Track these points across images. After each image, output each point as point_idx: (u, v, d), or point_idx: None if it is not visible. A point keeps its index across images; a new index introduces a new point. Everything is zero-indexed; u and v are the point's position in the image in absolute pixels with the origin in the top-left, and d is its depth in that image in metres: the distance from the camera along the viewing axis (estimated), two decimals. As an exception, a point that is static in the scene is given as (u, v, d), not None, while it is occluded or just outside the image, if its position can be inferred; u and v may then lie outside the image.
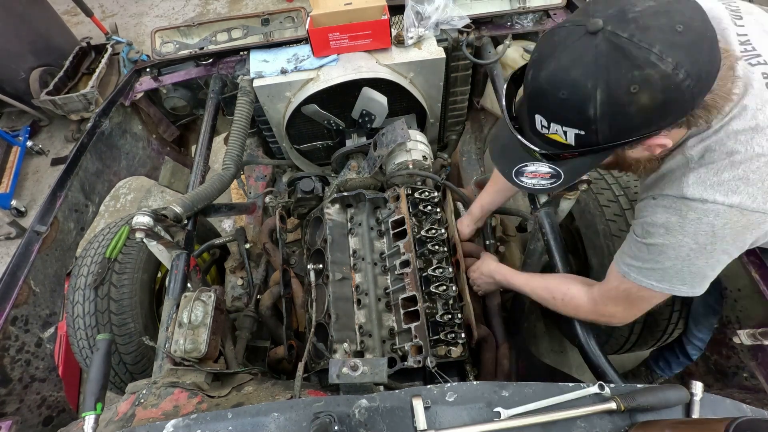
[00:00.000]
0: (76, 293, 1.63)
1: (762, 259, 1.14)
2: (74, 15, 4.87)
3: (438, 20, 1.90)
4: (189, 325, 1.18)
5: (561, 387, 0.83)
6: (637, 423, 0.79)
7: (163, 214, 1.42)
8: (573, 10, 2.02)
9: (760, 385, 1.18)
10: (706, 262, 0.84)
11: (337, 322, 1.44)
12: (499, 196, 1.52)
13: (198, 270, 1.64)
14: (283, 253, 1.75)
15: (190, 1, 5.24)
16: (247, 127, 1.84)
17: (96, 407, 0.98)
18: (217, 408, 1.05)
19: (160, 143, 2.35)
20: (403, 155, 1.71)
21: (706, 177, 0.78)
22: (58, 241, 1.60)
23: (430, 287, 1.40)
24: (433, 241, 1.50)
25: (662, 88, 0.67)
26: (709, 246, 0.81)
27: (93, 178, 1.85)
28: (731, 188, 0.76)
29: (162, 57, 2.04)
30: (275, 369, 1.66)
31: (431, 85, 1.97)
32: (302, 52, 1.94)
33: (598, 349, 1.22)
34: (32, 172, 3.76)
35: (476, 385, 0.85)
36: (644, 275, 0.92)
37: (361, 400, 0.81)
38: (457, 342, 1.33)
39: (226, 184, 1.69)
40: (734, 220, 0.78)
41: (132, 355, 1.65)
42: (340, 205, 1.72)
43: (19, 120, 3.99)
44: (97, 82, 3.65)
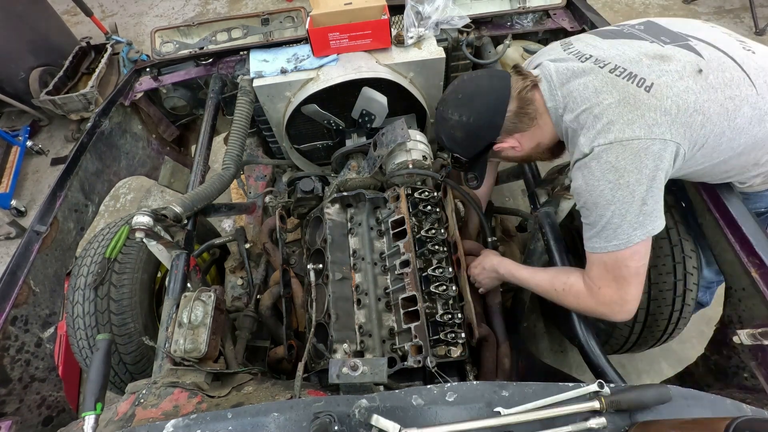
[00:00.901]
0: (76, 293, 1.63)
1: (762, 259, 1.14)
2: (74, 15, 4.87)
3: (438, 20, 1.90)
4: (189, 325, 1.18)
5: (560, 387, 0.83)
6: (637, 423, 0.79)
7: (163, 214, 1.42)
8: (573, 10, 2.03)
9: (760, 385, 1.18)
10: (631, 196, 1.00)
11: (337, 322, 1.44)
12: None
13: (198, 270, 1.64)
14: (283, 253, 1.75)
15: (189, 1, 5.24)
16: (247, 127, 1.84)
17: (96, 407, 0.98)
18: (217, 408, 1.05)
19: (160, 143, 2.35)
20: (403, 155, 1.71)
21: (588, 133, 1.05)
22: (58, 241, 1.60)
23: (430, 287, 1.40)
24: (433, 240, 1.50)
25: (460, 127, 1.26)
26: (621, 180, 1.00)
27: (93, 178, 1.85)
28: (606, 131, 1.02)
29: (162, 57, 2.04)
30: (275, 369, 1.66)
31: (431, 85, 1.97)
32: (302, 52, 1.94)
33: (598, 349, 1.22)
34: (32, 172, 3.76)
35: (476, 385, 0.85)
36: (604, 239, 1.06)
37: (361, 400, 0.81)
38: (457, 342, 1.33)
39: (226, 184, 1.69)
40: (620, 151, 0.99)
41: (132, 355, 1.65)
42: (340, 205, 1.72)
43: (19, 120, 3.99)
44: (96, 81, 3.65)
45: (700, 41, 1.09)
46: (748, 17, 3.78)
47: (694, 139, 1.02)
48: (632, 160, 0.99)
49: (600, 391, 0.80)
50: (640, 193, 1.00)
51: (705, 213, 1.33)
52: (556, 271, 1.26)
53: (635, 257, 1.04)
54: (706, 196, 1.32)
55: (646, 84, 1.01)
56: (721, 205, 1.26)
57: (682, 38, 1.11)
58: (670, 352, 2.19)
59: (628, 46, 1.11)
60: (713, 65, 1.03)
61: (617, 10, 4.17)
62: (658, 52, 1.07)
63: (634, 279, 1.06)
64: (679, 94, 1.00)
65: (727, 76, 1.03)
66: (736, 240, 1.22)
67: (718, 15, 3.95)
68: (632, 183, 0.99)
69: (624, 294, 1.08)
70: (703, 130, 1.01)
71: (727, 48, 1.07)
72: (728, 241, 1.24)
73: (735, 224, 1.22)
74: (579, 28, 1.97)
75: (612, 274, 1.07)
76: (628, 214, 1.01)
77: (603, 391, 0.80)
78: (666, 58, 1.05)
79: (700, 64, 1.03)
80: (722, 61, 1.05)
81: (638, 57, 1.07)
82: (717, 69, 1.03)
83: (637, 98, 1.01)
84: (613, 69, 1.07)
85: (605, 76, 1.07)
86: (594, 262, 1.11)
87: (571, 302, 1.19)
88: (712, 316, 1.44)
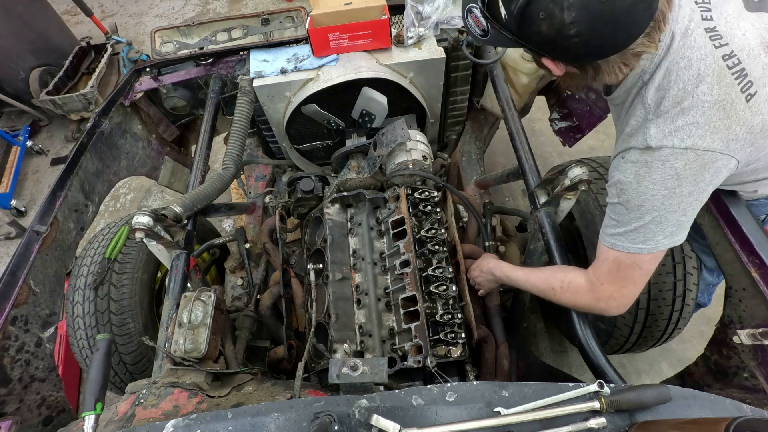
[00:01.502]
0: (76, 293, 1.63)
1: (762, 259, 1.14)
2: (74, 15, 4.87)
3: (438, 20, 1.90)
4: (189, 325, 1.18)
5: (560, 387, 0.83)
6: (637, 423, 0.79)
7: (163, 214, 1.42)
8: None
9: (760, 385, 1.18)
10: (678, 207, 0.92)
11: (337, 322, 1.44)
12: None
13: (198, 270, 1.64)
14: (283, 253, 1.75)
15: (189, 1, 5.24)
16: (247, 127, 1.84)
17: (96, 407, 0.98)
18: (217, 408, 1.05)
19: (160, 143, 2.35)
20: (403, 155, 1.71)
21: (664, 126, 0.90)
22: (58, 241, 1.60)
23: (430, 287, 1.40)
24: (433, 241, 1.50)
25: (556, 29, 0.82)
26: (677, 189, 0.91)
27: (93, 178, 1.85)
28: (686, 133, 0.88)
29: (162, 57, 2.04)
30: (275, 369, 1.67)
31: (431, 85, 1.97)
32: (302, 52, 1.94)
33: (598, 349, 1.22)
34: (32, 172, 3.76)
35: (476, 385, 0.85)
36: (630, 240, 0.98)
37: (361, 400, 0.81)
38: (457, 342, 1.33)
39: (226, 184, 1.69)
40: (692, 160, 0.89)
41: (132, 355, 1.65)
42: (340, 205, 1.72)
43: (19, 120, 3.98)
44: (96, 81, 3.65)
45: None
46: (748, 17, 3.77)
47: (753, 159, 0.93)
48: (696, 171, 0.89)
49: (600, 391, 0.80)
50: (686, 204, 0.92)
51: (704, 213, 1.33)
52: (553, 270, 1.24)
53: (653, 261, 1.00)
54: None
55: (750, 91, 0.87)
56: (721, 205, 1.26)
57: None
58: (670, 352, 2.20)
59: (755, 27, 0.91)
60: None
61: (617, 10, 4.16)
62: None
63: (641, 280, 1.03)
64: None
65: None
66: (736, 240, 1.22)
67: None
68: (685, 194, 0.91)
69: (626, 291, 1.05)
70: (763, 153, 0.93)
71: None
72: (728, 241, 1.24)
73: (735, 224, 1.22)
74: (579, 28, 1.96)
75: (622, 273, 1.03)
76: (668, 223, 0.94)
77: (603, 391, 0.80)
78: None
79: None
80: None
81: (758, 48, 0.89)
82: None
83: (734, 106, 0.87)
84: (728, 56, 0.88)
85: (717, 63, 0.88)
86: (607, 258, 1.04)
87: (568, 299, 1.17)
88: (712, 316, 1.44)
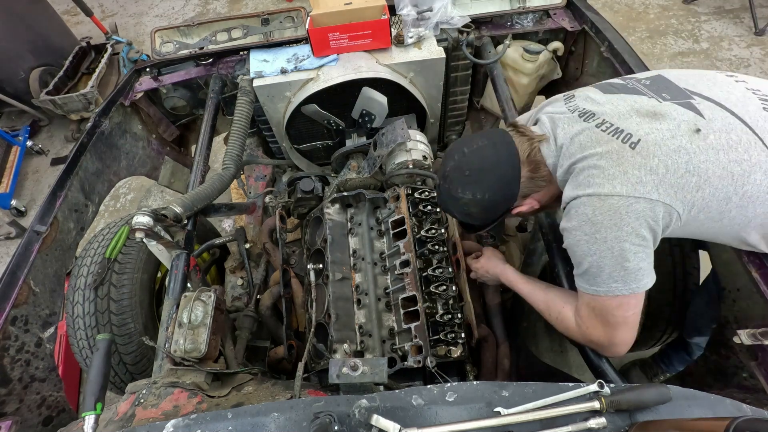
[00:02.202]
0: (76, 293, 1.63)
1: (762, 259, 1.14)
2: (74, 15, 4.87)
3: (438, 20, 1.90)
4: (189, 325, 1.18)
5: (560, 387, 0.83)
6: (637, 423, 0.79)
7: (163, 214, 1.42)
8: (573, 10, 2.03)
9: (760, 385, 1.18)
10: (611, 253, 0.96)
11: (337, 322, 1.44)
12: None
13: (198, 270, 1.64)
14: (283, 253, 1.75)
15: (189, 1, 5.24)
16: (247, 127, 1.84)
17: (96, 407, 0.98)
18: (217, 408, 1.05)
19: (160, 143, 2.35)
20: (403, 155, 1.71)
21: (571, 184, 1.04)
22: (58, 241, 1.60)
23: (430, 287, 1.40)
24: (433, 240, 1.50)
25: (475, 204, 1.17)
26: (597, 234, 0.97)
27: (93, 177, 1.85)
28: (585, 183, 1.00)
29: (162, 57, 2.04)
30: (275, 369, 1.66)
31: (431, 85, 1.97)
32: (302, 52, 1.94)
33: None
34: (32, 172, 3.76)
35: (476, 385, 0.85)
36: (586, 282, 1.03)
37: (361, 400, 0.81)
38: (457, 342, 1.33)
39: (226, 184, 1.69)
40: (598, 205, 0.96)
41: (132, 355, 1.65)
42: (340, 204, 1.72)
43: (19, 120, 3.98)
44: (96, 81, 3.65)
45: (706, 100, 1.02)
46: (748, 17, 3.78)
47: (690, 201, 0.95)
48: (611, 216, 0.95)
49: (600, 391, 0.80)
50: (618, 250, 0.95)
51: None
52: (554, 296, 1.22)
53: (622, 308, 1.00)
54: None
55: (632, 140, 0.97)
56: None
57: (686, 95, 1.05)
58: (670, 352, 2.19)
59: (623, 100, 1.07)
60: (716, 126, 0.96)
61: (617, 10, 4.17)
62: (652, 108, 1.02)
63: (622, 326, 1.02)
64: (668, 154, 0.94)
65: (734, 138, 0.95)
66: (736, 240, 1.21)
67: (717, 15, 3.95)
68: (610, 239, 0.95)
69: (612, 337, 1.04)
70: (701, 193, 0.94)
71: (740, 109, 0.99)
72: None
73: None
74: (579, 28, 1.97)
75: (599, 318, 1.04)
76: (606, 267, 0.97)
77: (603, 391, 0.80)
78: (659, 116, 1.00)
79: (699, 123, 0.96)
80: (728, 122, 0.97)
81: (629, 112, 1.02)
82: (720, 130, 0.95)
83: (621, 154, 0.96)
84: (600, 124, 1.03)
85: (592, 131, 1.03)
86: (582, 300, 1.07)
87: (563, 331, 1.17)
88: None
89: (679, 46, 3.76)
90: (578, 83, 2.11)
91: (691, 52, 3.71)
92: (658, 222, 0.95)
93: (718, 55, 3.64)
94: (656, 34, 3.89)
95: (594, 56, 1.96)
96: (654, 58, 3.69)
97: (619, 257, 0.96)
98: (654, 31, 3.92)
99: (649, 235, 0.96)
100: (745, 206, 0.96)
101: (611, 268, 0.97)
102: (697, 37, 3.81)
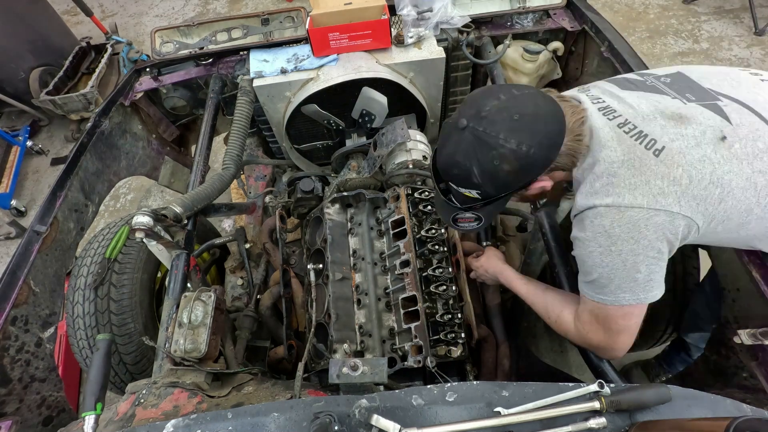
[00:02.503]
0: (76, 293, 1.63)
1: (762, 259, 1.14)
2: (74, 15, 4.87)
3: (438, 20, 1.90)
4: (189, 325, 1.18)
5: (560, 387, 0.83)
6: (637, 423, 0.79)
7: (163, 214, 1.42)
8: (573, 10, 2.03)
9: (760, 385, 1.18)
10: (623, 265, 0.93)
11: (337, 322, 1.44)
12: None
13: (198, 270, 1.64)
14: (283, 253, 1.75)
15: (189, 1, 5.24)
16: (247, 127, 1.84)
17: (96, 407, 0.98)
18: (217, 408, 1.05)
19: (160, 143, 2.35)
20: (403, 155, 1.71)
21: (585, 191, 0.98)
22: (58, 241, 1.60)
23: (430, 287, 1.40)
24: (433, 240, 1.50)
25: (514, 158, 0.94)
26: (613, 247, 0.93)
27: (93, 177, 1.85)
28: (604, 191, 0.94)
29: (162, 57, 2.04)
30: (275, 369, 1.66)
31: (431, 85, 1.97)
32: (302, 52, 1.94)
33: (598, 349, 1.22)
34: (32, 172, 3.76)
35: (476, 385, 0.85)
36: (592, 290, 1.00)
37: (361, 400, 0.81)
38: (457, 342, 1.33)
39: (226, 184, 1.69)
40: (617, 217, 0.92)
41: (132, 355, 1.65)
42: (340, 204, 1.72)
43: (19, 120, 3.98)
44: (96, 81, 3.65)
45: (734, 101, 0.96)
46: (748, 17, 3.78)
47: (711, 213, 0.91)
48: (629, 229, 0.91)
49: (600, 391, 0.80)
50: (632, 262, 0.92)
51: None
52: (552, 299, 1.20)
53: (626, 317, 0.99)
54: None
55: (656, 147, 0.91)
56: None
57: (712, 97, 0.98)
58: (670, 352, 2.19)
59: (645, 99, 1.00)
60: (742, 132, 0.91)
61: (617, 10, 4.17)
62: (677, 111, 0.95)
63: (624, 333, 1.01)
64: (693, 164, 0.89)
65: (760, 146, 0.90)
66: (736, 240, 1.21)
67: (717, 15, 3.95)
68: (625, 252, 0.92)
69: (612, 343, 1.03)
70: (723, 205, 0.90)
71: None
72: (728, 241, 1.23)
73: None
74: (579, 28, 1.97)
75: (601, 325, 1.02)
76: (616, 278, 0.95)
77: (603, 391, 0.80)
78: (684, 120, 0.93)
79: (725, 130, 0.91)
80: (756, 127, 0.91)
81: (653, 114, 0.95)
82: (746, 137, 0.90)
83: (643, 161, 0.91)
84: (623, 124, 0.96)
85: (612, 129, 0.96)
86: (585, 306, 1.05)
87: (561, 333, 1.16)
88: (712, 316, 1.44)
89: (679, 46, 3.76)
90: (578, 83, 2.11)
91: (691, 52, 3.71)
92: (677, 235, 0.92)
93: (718, 55, 3.64)
94: (656, 34, 3.89)
95: (594, 56, 1.96)
96: (654, 58, 3.69)
97: (631, 269, 0.93)
98: (654, 31, 3.92)
99: (665, 248, 0.93)
100: (765, 218, 0.92)
101: (621, 279, 0.94)
102: (697, 37, 3.81)
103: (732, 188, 0.89)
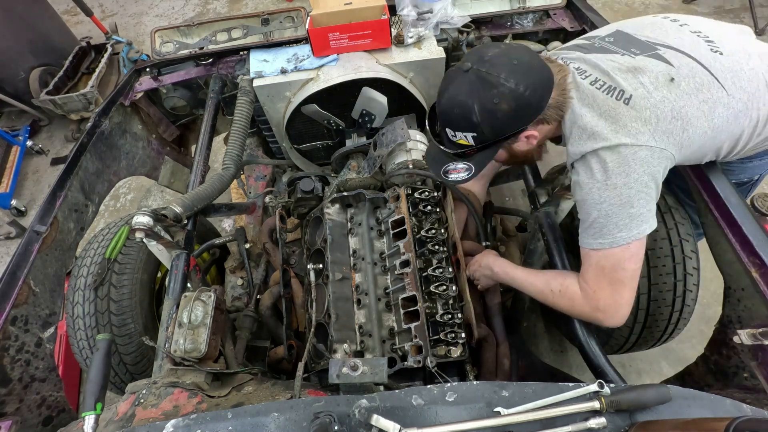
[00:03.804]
0: (76, 293, 1.63)
1: (763, 259, 1.14)
2: (74, 15, 4.87)
3: (438, 20, 1.90)
4: (189, 325, 1.18)
5: (560, 387, 0.83)
6: (637, 423, 0.79)
7: (163, 214, 1.42)
8: (573, 10, 2.03)
9: (760, 385, 1.18)
10: (619, 199, 1.05)
11: (337, 322, 1.44)
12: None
13: (198, 270, 1.64)
14: (283, 253, 1.75)
15: (189, 1, 5.24)
16: (247, 127, 1.84)
17: (96, 407, 0.98)
18: (217, 408, 1.05)
19: (160, 143, 2.35)
20: (403, 155, 1.71)
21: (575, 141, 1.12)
22: (58, 241, 1.60)
23: (430, 287, 1.40)
24: (433, 240, 1.50)
25: (512, 98, 1.06)
26: (608, 181, 1.05)
27: (93, 177, 1.85)
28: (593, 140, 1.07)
29: (162, 57, 2.04)
30: (275, 369, 1.66)
31: (431, 85, 1.97)
32: (302, 52, 1.94)
33: (598, 349, 1.22)
34: (32, 172, 3.76)
35: (476, 385, 0.85)
36: (591, 236, 1.10)
37: (361, 400, 0.81)
38: (457, 342, 1.33)
39: (226, 184, 1.69)
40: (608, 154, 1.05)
41: (132, 355, 1.65)
42: (340, 205, 1.72)
43: (19, 120, 3.98)
44: (96, 81, 3.65)
45: (668, 48, 1.14)
46: (748, 17, 3.77)
47: (679, 142, 1.07)
48: (620, 163, 1.04)
49: (600, 391, 0.80)
50: (627, 195, 1.04)
51: (706, 213, 1.33)
52: (553, 273, 1.27)
53: (632, 259, 1.07)
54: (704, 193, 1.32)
55: (625, 97, 1.07)
56: (721, 204, 1.26)
57: (651, 47, 1.15)
58: (670, 352, 2.19)
59: (602, 59, 1.15)
60: (684, 72, 1.08)
61: (617, 10, 4.16)
62: (630, 64, 1.11)
63: (629, 282, 1.09)
64: (656, 105, 1.05)
65: (698, 81, 1.08)
66: (737, 240, 1.22)
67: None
68: (620, 185, 1.04)
69: (619, 298, 1.10)
70: (686, 134, 1.07)
71: (695, 52, 1.12)
72: (728, 241, 1.23)
73: (735, 224, 1.22)
74: (579, 28, 1.97)
75: (608, 277, 1.09)
76: (613, 215, 1.05)
77: (603, 391, 0.80)
78: (638, 71, 1.09)
79: (671, 72, 1.08)
80: (692, 67, 1.09)
81: (613, 70, 1.11)
82: (688, 75, 1.08)
83: (618, 111, 1.06)
84: (594, 81, 1.12)
85: (587, 86, 1.11)
86: (590, 263, 1.13)
87: (566, 305, 1.20)
88: (712, 316, 1.44)
89: (679, 46, 3.76)
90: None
91: (691, 52, 3.71)
92: (659, 167, 1.06)
93: (718, 55, 3.64)
94: (656, 34, 3.89)
95: (594, 56, 1.96)
96: (654, 58, 3.69)
97: (626, 203, 1.04)
98: (654, 31, 3.92)
99: (651, 182, 1.05)
100: (715, 137, 1.12)
101: (617, 216, 1.05)
102: (697, 37, 3.81)
103: (689, 118, 1.06)
